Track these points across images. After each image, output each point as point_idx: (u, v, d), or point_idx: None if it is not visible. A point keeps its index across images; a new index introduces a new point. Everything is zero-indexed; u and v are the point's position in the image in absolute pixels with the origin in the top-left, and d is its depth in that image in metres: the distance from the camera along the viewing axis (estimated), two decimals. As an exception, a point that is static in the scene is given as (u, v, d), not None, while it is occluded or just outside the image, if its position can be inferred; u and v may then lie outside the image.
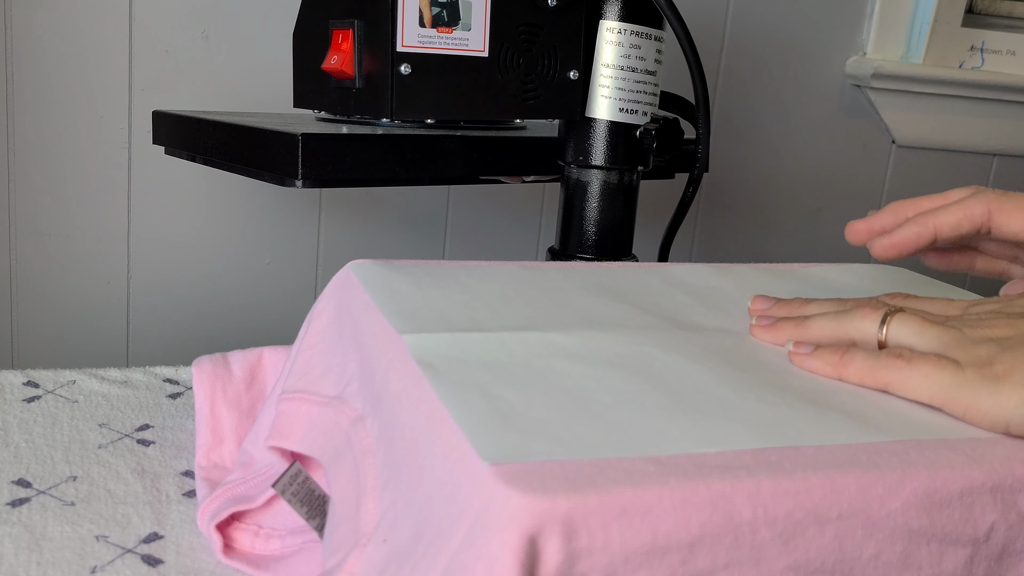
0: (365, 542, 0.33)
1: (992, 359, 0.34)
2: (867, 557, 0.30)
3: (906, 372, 0.36)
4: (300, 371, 0.43)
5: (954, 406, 0.34)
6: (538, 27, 0.61)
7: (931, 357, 0.36)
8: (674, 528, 0.28)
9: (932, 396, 0.35)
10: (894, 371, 0.36)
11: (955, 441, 0.33)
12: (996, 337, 0.36)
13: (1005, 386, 0.34)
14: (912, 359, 0.36)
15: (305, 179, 0.56)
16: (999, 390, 0.34)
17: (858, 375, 0.37)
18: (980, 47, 1.15)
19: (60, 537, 0.43)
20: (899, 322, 0.38)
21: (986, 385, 0.34)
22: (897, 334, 0.38)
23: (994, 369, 0.34)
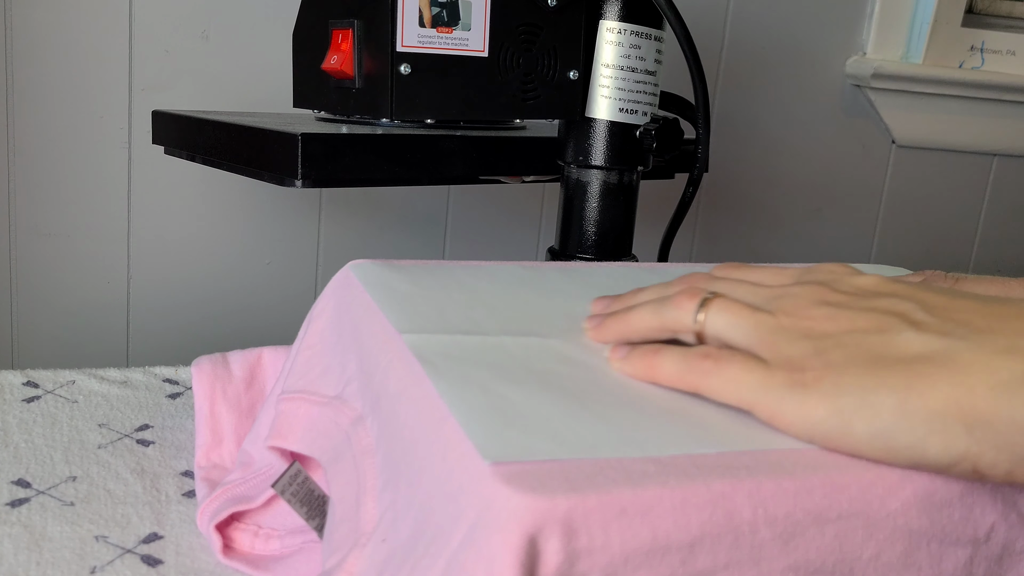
0: (365, 542, 0.33)
1: (803, 363, 0.32)
2: (867, 557, 0.30)
3: (713, 375, 0.33)
4: (300, 371, 0.43)
5: (760, 410, 0.32)
6: (538, 27, 0.61)
7: (738, 358, 0.33)
8: (674, 528, 0.28)
9: (739, 400, 0.33)
10: (701, 374, 0.34)
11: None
12: (813, 334, 0.33)
13: (812, 395, 0.31)
14: (720, 360, 0.33)
15: (305, 179, 0.56)
16: (806, 399, 0.31)
17: (669, 378, 0.35)
18: (980, 47, 1.15)
19: (60, 537, 0.43)
20: (715, 311, 0.35)
21: (793, 392, 0.31)
22: (714, 325, 0.35)
23: (804, 376, 0.32)
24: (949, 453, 0.29)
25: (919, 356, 0.30)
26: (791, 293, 0.36)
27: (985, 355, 0.30)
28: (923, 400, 0.29)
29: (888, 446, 0.30)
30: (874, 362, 0.31)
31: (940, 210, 1.23)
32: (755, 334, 0.34)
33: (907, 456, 0.30)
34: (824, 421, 0.31)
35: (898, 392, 0.30)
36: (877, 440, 0.30)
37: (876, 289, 0.35)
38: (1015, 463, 0.29)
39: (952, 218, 1.24)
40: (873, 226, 1.21)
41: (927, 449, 0.29)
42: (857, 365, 0.31)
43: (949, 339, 0.31)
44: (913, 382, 0.30)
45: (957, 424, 0.29)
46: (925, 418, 0.29)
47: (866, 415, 0.30)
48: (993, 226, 1.25)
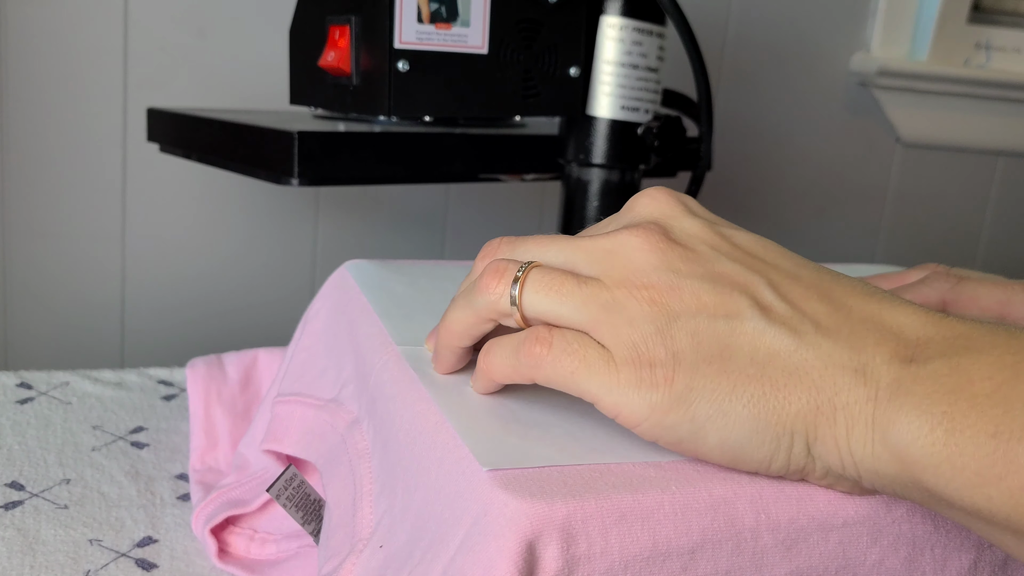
0: (361, 548, 0.32)
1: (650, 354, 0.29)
2: (871, 563, 0.30)
3: (548, 367, 0.29)
4: (295, 373, 0.42)
5: (604, 407, 0.29)
6: (538, 23, 0.60)
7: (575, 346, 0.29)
8: (675, 534, 0.27)
9: (581, 393, 0.29)
10: (534, 367, 0.30)
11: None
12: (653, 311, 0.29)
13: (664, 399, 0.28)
14: (552, 345, 0.29)
15: (301, 177, 0.56)
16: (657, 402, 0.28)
17: (503, 374, 0.31)
18: (986, 44, 1.15)
19: (53, 540, 0.42)
20: (531, 288, 0.30)
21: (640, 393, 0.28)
22: (533, 306, 0.30)
23: (652, 374, 0.28)
24: (789, 468, 0.29)
25: (770, 357, 0.28)
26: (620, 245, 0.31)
27: (832, 371, 0.28)
28: (776, 416, 0.28)
29: (737, 457, 0.29)
30: (725, 359, 0.29)
31: (946, 209, 1.22)
32: (586, 311, 0.30)
33: (751, 467, 0.29)
34: (676, 428, 0.28)
35: (753, 404, 0.28)
36: (727, 451, 0.29)
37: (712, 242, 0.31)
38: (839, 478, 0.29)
39: (958, 217, 1.23)
40: (878, 225, 1.20)
41: (772, 464, 0.29)
42: (709, 363, 0.29)
43: (798, 339, 0.29)
44: (768, 393, 0.28)
45: (803, 442, 0.28)
46: (776, 435, 0.28)
47: (719, 425, 0.28)
48: (999, 225, 1.25)
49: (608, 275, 0.30)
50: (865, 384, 0.28)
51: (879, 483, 0.28)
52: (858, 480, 0.28)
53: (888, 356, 0.28)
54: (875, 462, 0.27)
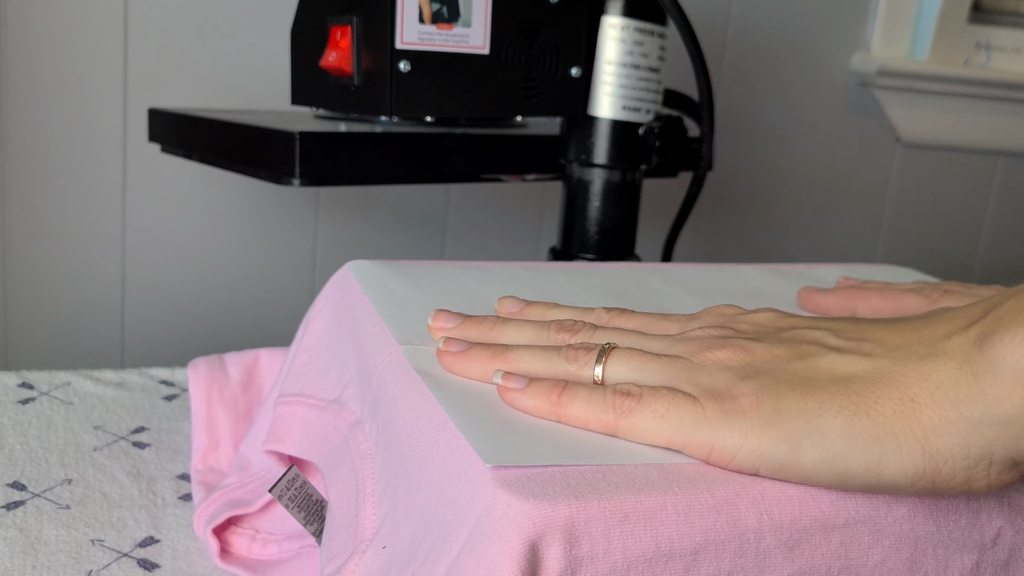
0: (364, 548, 0.32)
1: (732, 391, 0.30)
2: (873, 563, 0.30)
3: (637, 413, 0.30)
4: (297, 374, 0.42)
5: (695, 448, 0.30)
6: (539, 23, 0.60)
7: (663, 393, 0.30)
8: (677, 535, 0.27)
9: (670, 439, 0.30)
10: (622, 413, 0.30)
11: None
12: (731, 365, 0.31)
13: (754, 424, 0.29)
14: (643, 397, 0.30)
15: (302, 178, 0.56)
16: (747, 428, 0.29)
17: (581, 417, 0.31)
18: (986, 44, 1.15)
19: (55, 541, 0.42)
20: (616, 361, 0.33)
21: (729, 422, 0.29)
22: (616, 375, 0.33)
23: (737, 403, 0.29)
24: (907, 472, 0.28)
25: (850, 376, 0.29)
26: (689, 337, 0.34)
27: (913, 365, 0.28)
28: (871, 419, 0.28)
29: (842, 471, 0.28)
30: (808, 385, 0.29)
31: (946, 209, 1.22)
32: (667, 373, 0.32)
33: (863, 480, 0.28)
34: (771, 451, 0.28)
35: (844, 413, 0.28)
36: (831, 466, 0.28)
37: (776, 324, 0.35)
38: (971, 468, 0.28)
39: (958, 217, 1.23)
40: (878, 225, 1.21)
41: (883, 471, 0.28)
42: (792, 388, 0.29)
43: (872, 359, 0.30)
44: (856, 401, 0.28)
45: (910, 439, 0.28)
46: (876, 438, 0.28)
47: (816, 440, 0.28)
48: (999, 225, 1.25)
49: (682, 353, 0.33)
50: (949, 356, 0.28)
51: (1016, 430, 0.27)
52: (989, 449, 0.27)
53: (961, 328, 0.28)
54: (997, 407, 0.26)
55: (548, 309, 0.39)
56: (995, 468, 0.28)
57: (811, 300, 0.46)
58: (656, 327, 0.37)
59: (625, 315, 0.38)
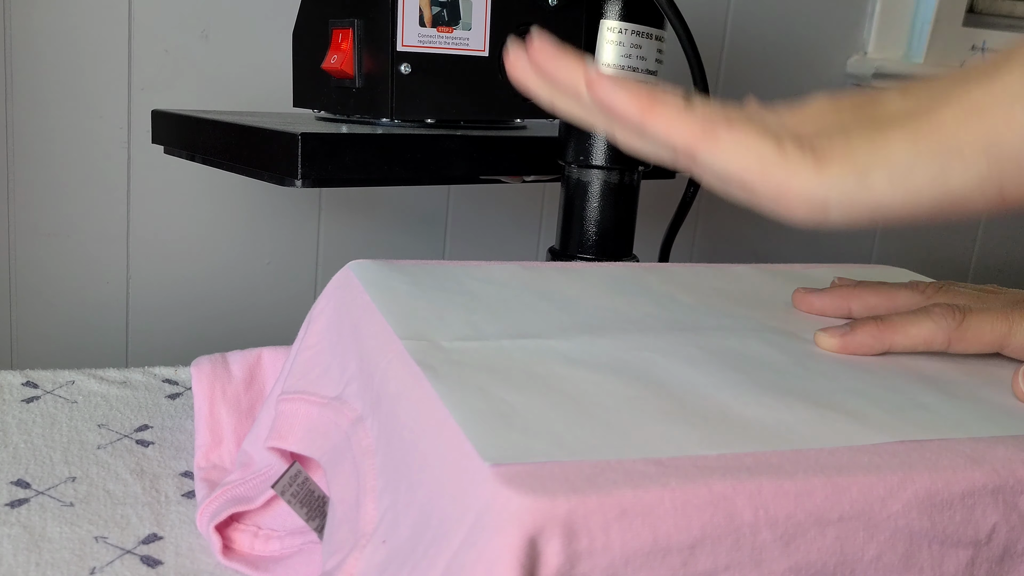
0: (365, 543, 0.33)
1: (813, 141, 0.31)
2: (868, 559, 0.30)
3: (723, 134, 0.31)
4: (299, 371, 0.43)
5: (769, 184, 0.30)
6: (538, 26, 0.61)
7: (752, 125, 0.31)
8: (675, 529, 0.28)
9: (746, 167, 0.30)
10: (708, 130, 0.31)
11: (956, 442, 0.33)
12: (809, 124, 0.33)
13: (826, 163, 0.30)
14: (732, 121, 0.31)
15: (305, 179, 0.56)
16: (820, 166, 0.30)
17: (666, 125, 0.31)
18: (981, 47, 1.15)
19: (59, 538, 0.43)
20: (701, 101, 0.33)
21: (805, 161, 0.30)
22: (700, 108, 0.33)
23: (813, 144, 0.31)
24: (971, 178, 0.29)
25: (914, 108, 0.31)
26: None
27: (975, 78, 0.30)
28: (934, 134, 0.29)
29: (908, 187, 0.29)
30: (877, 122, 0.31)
31: (941, 210, 1.22)
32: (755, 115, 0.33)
33: (930, 193, 0.29)
34: (841, 179, 0.30)
35: (907, 135, 0.30)
36: (897, 184, 0.29)
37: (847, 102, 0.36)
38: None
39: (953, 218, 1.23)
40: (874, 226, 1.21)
41: (949, 179, 0.29)
42: (862, 128, 0.31)
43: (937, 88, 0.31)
44: (920, 123, 0.30)
45: (974, 150, 0.29)
46: (941, 151, 0.29)
47: (883, 163, 0.30)
48: (995, 226, 1.25)
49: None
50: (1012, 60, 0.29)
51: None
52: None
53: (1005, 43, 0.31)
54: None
55: None
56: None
57: (806, 301, 0.47)
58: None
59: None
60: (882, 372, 0.39)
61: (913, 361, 0.41)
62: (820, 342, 0.41)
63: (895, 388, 0.37)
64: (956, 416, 0.35)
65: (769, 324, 0.44)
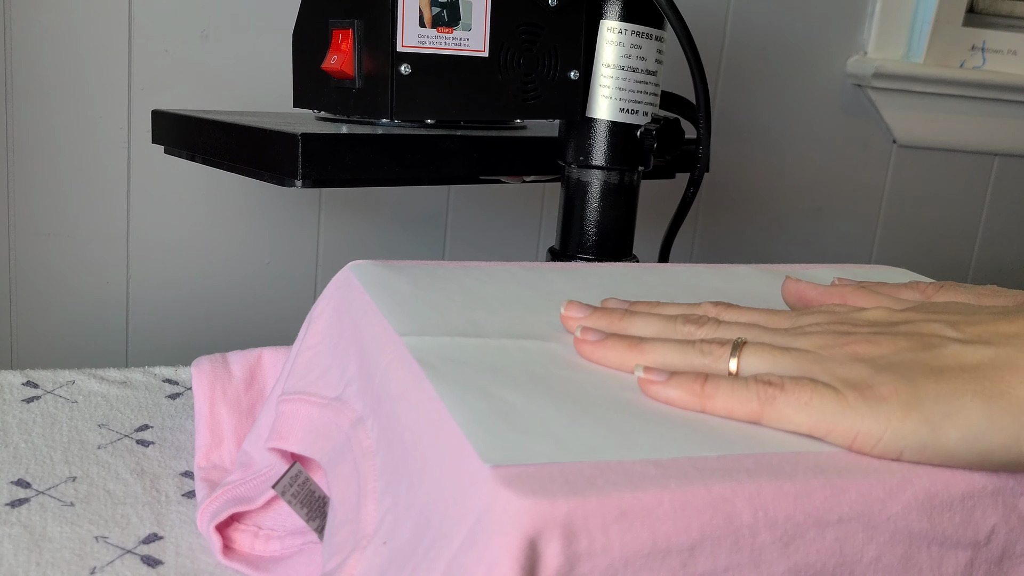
0: (365, 544, 0.33)
1: (869, 381, 0.31)
2: (868, 560, 0.30)
3: (781, 401, 0.32)
4: (300, 372, 0.43)
5: (839, 435, 0.31)
6: (538, 27, 0.61)
7: (805, 383, 0.32)
8: (674, 531, 0.28)
9: (813, 425, 0.31)
10: (767, 401, 0.32)
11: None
12: (863, 357, 0.33)
13: (896, 408, 0.30)
14: (785, 386, 0.32)
15: (305, 179, 0.56)
16: (890, 413, 0.30)
17: (726, 406, 0.32)
18: (981, 47, 1.15)
19: (59, 538, 0.43)
20: (750, 355, 0.34)
21: (872, 408, 0.31)
22: (750, 368, 0.34)
23: (876, 391, 0.31)
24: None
25: (978, 364, 0.31)
26: (808, 332, 0.35)
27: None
28: (1006, 400, 0.30)
29: (982, 450, 0.30)
30: (939, 372, 0.31)
31: (941, 210, 1.23)
32: (800, 366, 0.33)
33: (1002, 457, 0.30)
34: (915, 433, 0.30)
35: (980, 396, 0.30)
36: (972, 445, 0.30)
37: (891, 319, 0.36)
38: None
39: (953, 218, 1.23)
40: (874, 226, 1.21)
41: (1022, 447, 0.30)
42: (925, 376, 0.31)
43: (994, 347, 0.32)
44: (988, 386, 0.30)
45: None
46: (1014, 416, 0.30)
47: (957, 422, 0.30)
48: (994, 226, 1.25)
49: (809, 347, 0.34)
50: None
51: None
52: None
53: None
54: None
55: (654, 307, 0.40)
56: None
57: (797, 290, 0.46)
58: (768, 321, 0.38)
59: (733, 310, 0.39)
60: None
61: None
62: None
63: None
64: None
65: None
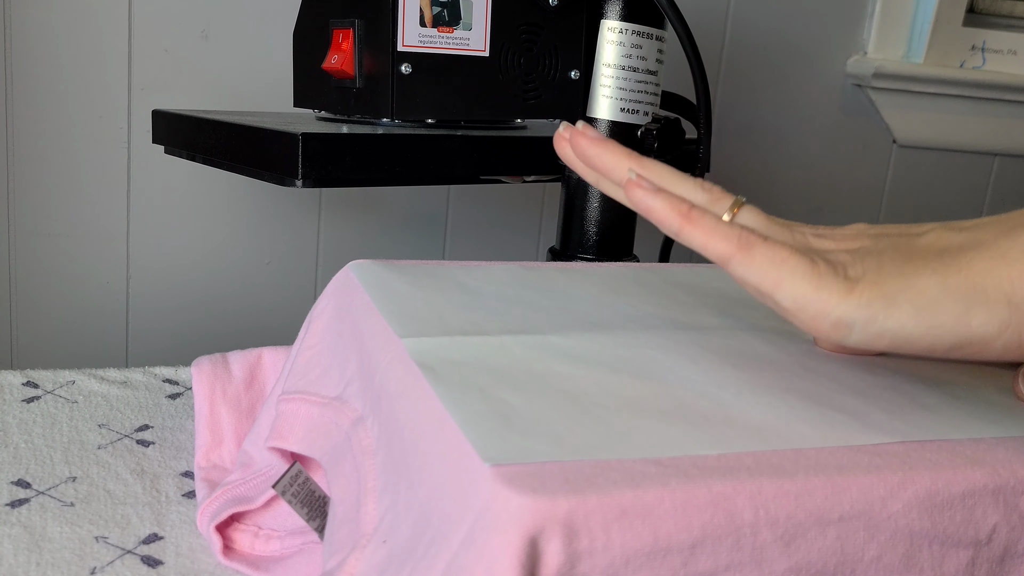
0: (365, 543, 0.33)
1: (844, 262, 0.33)
2: (869, 559, 0.30)
3: (759, 250, 0.32)
4: (300, 372, 0.43)
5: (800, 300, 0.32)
6: (539, 27, 0.61)
7: (786, 246, 0.32)
8: (675, 529, 0.28)
9: (777, 283, 0.32)
10: (745, 246, 0.32)
11: (957, 442, 0.33)
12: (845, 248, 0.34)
13: (857, 284, 0.31)
14: (768, 240, 0.32)
15: (305, 179, 0.56)
16: (851, 286, 0.31)
17: (703, 238, 0.33)
18: (981, 47, 1.15)
19: (59, 538, 0.43)
20: (747, 212, 0.35)
21: (837, 283, 0.31)
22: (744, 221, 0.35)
23: (848, 270, 0.32)
24: (992, 322, 0.30)
25: (946, 246, 0.33)
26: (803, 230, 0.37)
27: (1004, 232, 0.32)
28: (963, 276, 0.31)
29: (932, 321, 0.31)
30: (907, 254, 0.33)
31: (941, 210, 1.23)
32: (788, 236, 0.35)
33: (952, 331, 0.31)
34: (869, 306, 0.31)
35: (938, 273, 0.31)
36: (922, 316, 0.31)
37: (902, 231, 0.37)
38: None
39: (953, 218, 1.23)
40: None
41: (971, 321, 0.31)
42: (893, 258, 0.32)
43: (967, 232, 0.33)
44: (950, 264, 0.31)
45: (998, 295, 0.30)
46: (967, 292, 0.31)
47: (911, 295, 0.31)
48: (994, 226, 1.25)
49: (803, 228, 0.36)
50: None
51: None
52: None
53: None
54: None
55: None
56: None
57: None
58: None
59: None
60: (882, 372, 0.39)
61: (914, 361, 0.41)
62: None
63: (895, 388, 0.37)
64: (957, 417, 0.35)
65: (769, 323, 0.44)
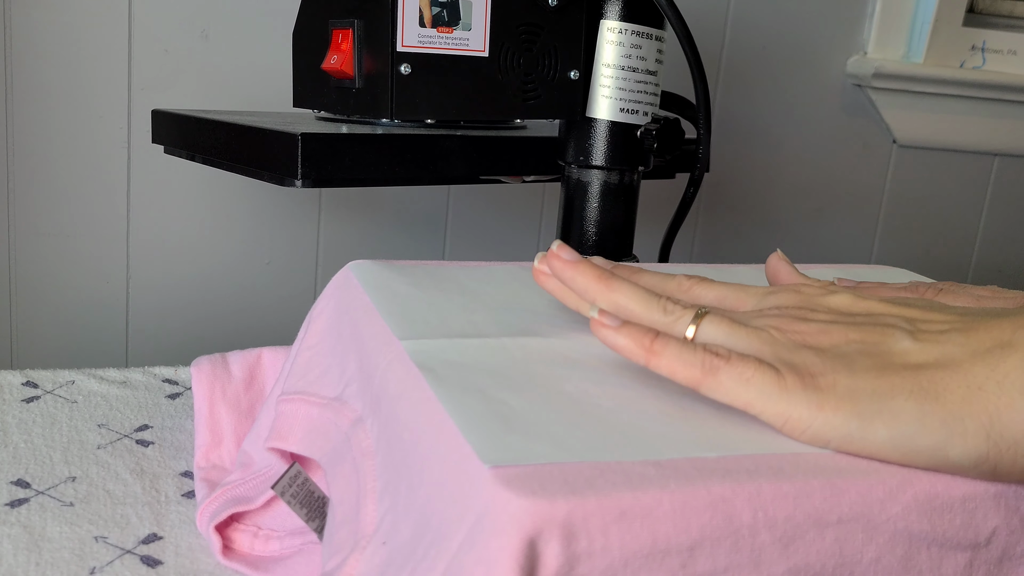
0: (365, 544, 0.33)
1: (811, 369, 0.32)
2: (867, 561, 0.30)
3: (723, 372, 0.32)
4: (299, 372, 0.43)
5: (772, 415, 0.32)
6: (538, 27, 0.61)
7: (751, 360, 0.32)
8: (674, 531, 0.28)
9: (748, 402, 0.32)
10: (710, 371, 0.32)
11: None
12: (812, 345, 0.33)
13: (829, 399, 0.31)
14: (731, 359, 0.32)
15: (305, 179, 0.56)
16: (822, 402, 0.31)
17: (669, 366, 0.33)
18: (981, 47, 1.15)
19: (59, 538, 0.43)
20: (709, 324, 0.35)
21: (807, 395, 0.31)
22: (706, 336, 0.34)
23: (816, 380, 0.31)
24: (970, 455, 0.30)
25: (922, 364, 0.31)
26: (768, 314, 0.36)
27: (981, 355, 0.31)
28: (940, 404, 0.30)
29: (909, 449, 0.30)
30: (881, 369, 0.31)
31: (941, 210, 1.23)
32: (753, 344, 0.34)
33: (928, 459, 0.30)
34: (844, 425, 0.30)
35: (915, 397, 0.30)
36: (899, 444, 0.30)
37: (852, 308, 0.36)
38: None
39: (953, 218, 1.24)
40: (874, 226, 1.21)
41: (949, 452, 0.30)
42: (867, 371, 0.31)
43: (943, 347, 0.32)
44: (926, 387, 0.30)
45: (976, 428, 0.30)
46: (945, 422, 0.30)
47: (887, 420, 0.30)
48: (994, 226, 1.25)
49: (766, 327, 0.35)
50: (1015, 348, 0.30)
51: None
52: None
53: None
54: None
55: (634, 272, 0.40)
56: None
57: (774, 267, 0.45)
58: (735, 299, 0.38)
59: (705, 284, 0.39)
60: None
61: None
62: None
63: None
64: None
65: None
